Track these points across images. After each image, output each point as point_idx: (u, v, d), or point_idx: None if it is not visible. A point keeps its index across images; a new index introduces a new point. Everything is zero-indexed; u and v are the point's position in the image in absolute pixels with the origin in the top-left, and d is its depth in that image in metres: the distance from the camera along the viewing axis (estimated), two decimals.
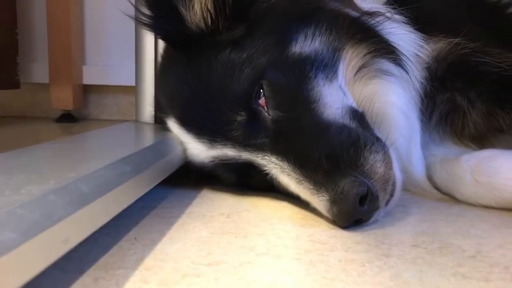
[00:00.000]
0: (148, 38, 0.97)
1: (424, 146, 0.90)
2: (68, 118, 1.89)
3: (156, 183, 0.69)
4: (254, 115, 0.74)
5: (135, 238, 0.58)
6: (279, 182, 0.74)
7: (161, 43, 0.90)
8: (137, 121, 1.01)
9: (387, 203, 0.68)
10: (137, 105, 1.03)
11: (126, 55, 1.73)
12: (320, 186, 0.65)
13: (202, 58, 0.78)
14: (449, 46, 0.90)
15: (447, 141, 0.92)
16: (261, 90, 0.74)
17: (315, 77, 0.77)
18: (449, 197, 0.82)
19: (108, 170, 0.52)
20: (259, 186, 0.80)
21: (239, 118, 0.74)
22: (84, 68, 1.94)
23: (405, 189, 0.85)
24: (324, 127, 0.71)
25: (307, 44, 0.79)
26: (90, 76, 1.94)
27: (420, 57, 0.88)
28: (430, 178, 0.87)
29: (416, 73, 0.86)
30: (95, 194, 0.46)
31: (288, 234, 0.62)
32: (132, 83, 1.04)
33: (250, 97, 0.74)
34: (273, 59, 0.77)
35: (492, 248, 0.58)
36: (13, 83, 1.74)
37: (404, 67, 0.83)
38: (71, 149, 0.62)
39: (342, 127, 0.71)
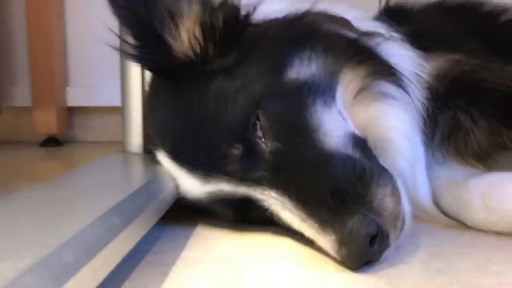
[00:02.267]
0: (134, 66, 0.92)
1: (428, 167, 0.86)
2: (53, 142, 1.82)
3: (147, 229, 0.64)
4: (251, 148, 0.69)
5: None
6: (280, 218, 0.70)
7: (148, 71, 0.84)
8: (124, 151, 0.95)
9: (397, 239, 0.64)
10: (124, 135, 0.97)
11: (111, 75, 1.66)
12: (326, 225, 0.60)
13: (193, 88, 0.73)
14: (450, 64, 0.87)
15: (451, 160, 0.89)
16: (257, 121, 0.70)
17: (314, 103, 0.72)
18: (458, 222, 0.78)
19: (95, 227, 0.47)
20: (258, 221, 0.75)
21: (235, 151, 0.69)
22: (68, 89, 1.88)
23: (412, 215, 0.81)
24: (326, 158, 0.67)
25: (304, 69, 0.75)
26: (75, 98, 1.88)
27: (420, 76, 0.84)
28: (436, 202, 0.83)
29: (418, 93, 0.83)
30: (80, 261, 0.40)
31: (293, 282, 0.57)
32: (118, 103, 0.98)
33: (246, 128, 0.69)
34: (268, 86, 0.72)
35: None
36: None
37: (405, 88, 0.80)
38: (50, 198, 0.57)
39: (346, 158, 0.67)
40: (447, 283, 0.56)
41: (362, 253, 0.58)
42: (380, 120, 0.79)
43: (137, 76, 0.94)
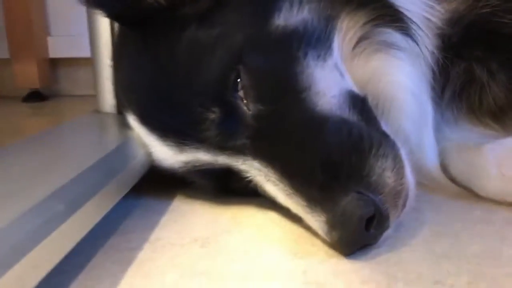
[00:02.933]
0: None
1: (436, 128, 0.75)
2: (36, 97, 1.71)
3: (111, 206, 0.55)
4: (230, 111, 0.59)
5: None
6: (264, 191, 0.61)
7: None
8: (97, 111, 0.85)
9: (397, 217, 0.55)
10: (97, 93, 0.87)
11: None
12: (315, 204, 0.52)
13: (161, 39, 0.62)
14: (466, 5, 0.74)
15: (463, 120, 0.78)
16: (238, 78, 0.59)
17: (305, 56, 0.61)
18: (468, 191, 0.69)
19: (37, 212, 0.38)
20: (242, 193, 0.67)
21: (212, 116, 0.59)
22: (49, 39, 1.74)
23: (416, 182, 0.72)
24: (317, 123, 0.57)
25: (293, 14, 0.63)
26: (57, 48, 1.75)
27: (431, 21, 0.71)
28: (444, 168, 0.74)
29: (427, 42, 0.71)
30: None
31: (277, 272, 0.49)
32: None
33: (224, 88, 0.59)
34: (251, 36, 0.61)
35: None
36: None
37: (413, 36, 0.67)
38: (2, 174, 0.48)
39: (341, 122, 0.57)
40: (455, 272, 0.47)
41: (356, 238, 0.49)
42: (383, 74, 0.68)
43: (106, 28, 0.82)
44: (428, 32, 0.70)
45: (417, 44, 0.68)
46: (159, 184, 0.72)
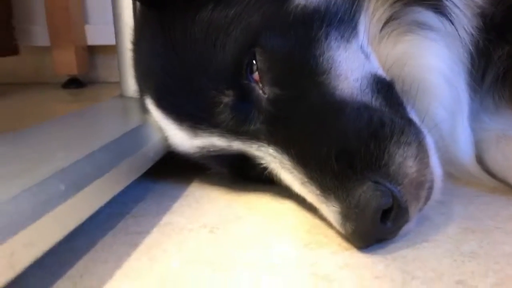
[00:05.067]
0: (125, 2, 0.79)
1: (474, 117, 0.69)
2: (75, 83, 1.76)
3: (121, 187, 0.55)
4: (245, 94, 0.57)
5: (81, 276, 0.45)
6: (279, 179, 0.58)
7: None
8: (121, 95, 0.85)
9: (420, 210, 0.51)
10: (121, 78, 0.87)
11: None
12: (330, 193, 0.49)
13: (177, 20, 0.60)
14: None
15: (505, 109, 0.71)
16: (254, 61, 0.56)
17: (326, 37, 0.57)
18: (506, 185, 0.63)
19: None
20: (259, 180, 0.64)
21: (226, 99, 0.57)
22: (87, 27, 1.78)
23: (448, 174, 0.67)
24: (336, 108, 0.53)
25: None
26: (95, 36, 1.78)
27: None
28: (480, 160, 0.68)
29: (466, 23, 0.64)
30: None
31: (284, 263, 0.46)
32: None
33: (239, 70, 0.56)
34: (269, 17, 0.58)
35: None
36: (11, 49, 1.62)
37: (449, 16, 0.62)
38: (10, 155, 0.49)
39: (361, 108, 0.53)
40: (481, 273, 0.43)
41: (371, 231, 0.46)
42: (413, 58, 0.63)
43: (129, 13, 0.81)
44: (467, 11, 0.64)
45: (453, 24, 0.62)
46: (176, 169, 0.71)
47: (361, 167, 0.47)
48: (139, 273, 0.45)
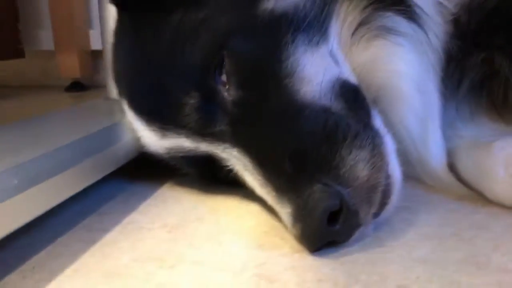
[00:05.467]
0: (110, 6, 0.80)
1: (449, 124, 0.69)
2: (77, 87, 1.80)
3: (85, 184, 0.56)
4: (211, 96, 0.57)
5: (32, 270, 0.46)
6: (244, 181, 0.59)
7: None
8: (106, 97, 0.87)
9: (377, 215, 0.51)
10: (106, 80, 0.89)
11: None
12: (283, 195, 0.49)
13: (149, 22, 0.61)
14: None
15: (481, 116, 0.70)
16: (222, 63, 0.57)
17: (293, 41, 0.58)
18: (478, 194, 0.62)
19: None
20: (230, 182, 0.64)
21: (192, 101, 0.58)
22: (92, 32, 1.81)
23: (419, 181, 0.67)
24: (295, 111, 0.54)
25: None
26: (98, 41, 1.81)
27: (443, 6, 0.65)
28: (453, 167, 0.67)
29: (438, 29, 0.64)
30: None
31: (232, 262, 0.47)
32: None
33: (205, 72, 0.57)
34: (237, 20, 0.59)
35: None
36: (16, 52, 1.66)
37: (419, 22, 0.62)
38: None
39: (320, 111, 0.53)
40: (426, 279, 0.42)
41: (318, 233, 0.46)
42: (382, 63, 0.63)
43: (113, 16, 0.83)
44: (438, 17, 0.64)
45: (424, 30, 0.62)
46: (153, 170, 0.72)
47: (312, 169, 0.47)
48: (89, 269, 0.46)
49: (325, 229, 0.45)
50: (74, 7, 1.68)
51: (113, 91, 0.86)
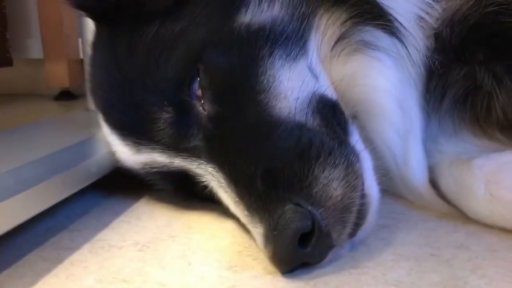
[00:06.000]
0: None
1: (432, 139, 0.68)
2: (66, 95, 1.78)
3: (55, 200, 0.54)
4: (185, 111, 0.56)
5: None
6: (218, 197, 0.57)
7: None
8: (87, 109, 0.86)
9: (352, 235, 0.49)
10: (88, 91, 0.87)
11: None
12: (255, 214, 0.48)
13: (124, 36, 0.60)
14: (469, 3, 0.66)
15: (465, 131, 0.69)
16: (197, 77, 0.56)
17: (270, 55, 0.57)
18: (457, 211, 0.61)
19: None
20: (207, 198, 0.63)
21: (166, 115, 0.57)
22: (81, 41, 1.80)
23: (400, 198, 0.65)
24: (269, 127, 0.52)
25: (262, 10, 0.59)
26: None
27: (424, 20, 0.64)
28: (435, 183, 0.66)
29: (419, 44, 0.63)
30: None
31: (199, 284, 0.45)
32: None
33: (180, 86, 0.56)
34: (213, 33, 0.57)
35: None
36: (5, 60, 1.65)
37: (399, 36, 0.61)
38: None
39: (295, 128, 0.52)
40: None
41: (289, 254, 0.44)
42: (362, 78, 0.62)
43: (92, 29, 0.82)
44: (418, 32, 0.63)
45: (404, 45, 0.61)
46: (130, 183, 0.70)
47: (284, 188, 0.46)
48: None
49: (296, 251, 0.44)
50: (63, 15, 1.66)
51: (91, 102, 0.84)
